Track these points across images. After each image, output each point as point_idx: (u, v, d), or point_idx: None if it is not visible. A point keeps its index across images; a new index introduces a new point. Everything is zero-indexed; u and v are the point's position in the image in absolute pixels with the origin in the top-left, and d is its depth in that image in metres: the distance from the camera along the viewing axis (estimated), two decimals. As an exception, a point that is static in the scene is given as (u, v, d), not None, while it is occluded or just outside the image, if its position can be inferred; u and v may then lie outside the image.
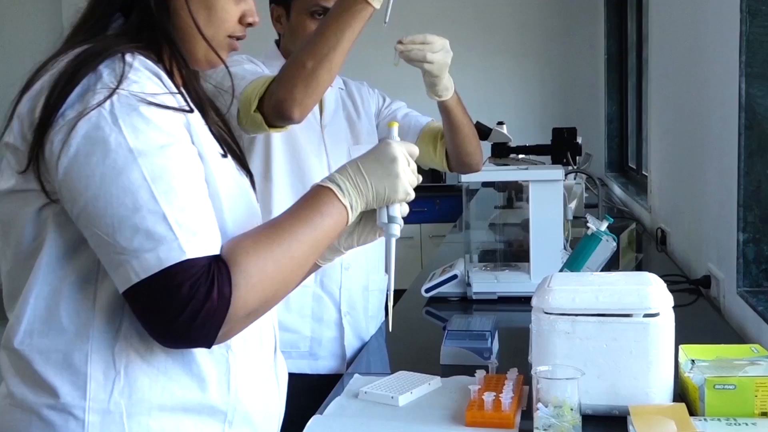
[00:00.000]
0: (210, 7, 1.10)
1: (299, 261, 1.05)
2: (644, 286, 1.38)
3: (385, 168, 1.13)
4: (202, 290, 0.93)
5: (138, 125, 0.96)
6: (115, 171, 0.94)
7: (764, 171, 1.82)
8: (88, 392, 1.01)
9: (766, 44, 1.79)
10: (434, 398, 1.52)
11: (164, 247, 0.93)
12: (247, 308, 0.98)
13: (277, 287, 1.03)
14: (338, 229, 1.10)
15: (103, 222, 0.94)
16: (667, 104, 3.10)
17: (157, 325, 0.96)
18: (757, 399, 1.31)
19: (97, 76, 0.98)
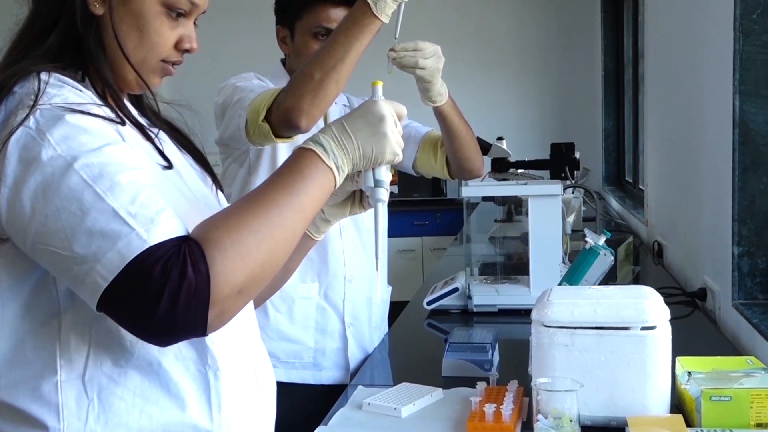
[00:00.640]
0: (142, 29, 1.04)
1: (284, 229, 0.96)
2: (641, 299, 1.39)
3: (373, 127, 1.06)
4: (175, 271, 0.85)
5: (67, 133, 0.91)
6: (54, 184, 0.89)
7: (758, 186, 1.83)
8: (61, 421, 0.97)
9: (759, 63, 1.79)
10: (436, 410, 1.52)
11: (122, 241, 0.86)
12: (233, 283, 0.89)
13: (263, 258, 0.93)
14: (325, 192, 1.03)
15: (57, 238, 0.88)
16: (663, 120, 3.10)
17: (140, 323, 0.88)
18: (753, 410, 1.30)
19: (13, 97, 0.94)
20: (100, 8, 1.03)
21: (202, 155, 1.21)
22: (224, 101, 1.81)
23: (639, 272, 2.90)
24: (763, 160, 1.81)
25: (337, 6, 1.84)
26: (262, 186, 1.00)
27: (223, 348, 1.06)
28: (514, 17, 6.15)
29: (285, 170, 1.01)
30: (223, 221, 0.93)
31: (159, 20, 1.05)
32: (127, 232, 0.87)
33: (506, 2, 6.15)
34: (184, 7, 1.06)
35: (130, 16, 1.03)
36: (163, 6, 1.05)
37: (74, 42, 1.03)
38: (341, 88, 1.60)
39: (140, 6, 1.03)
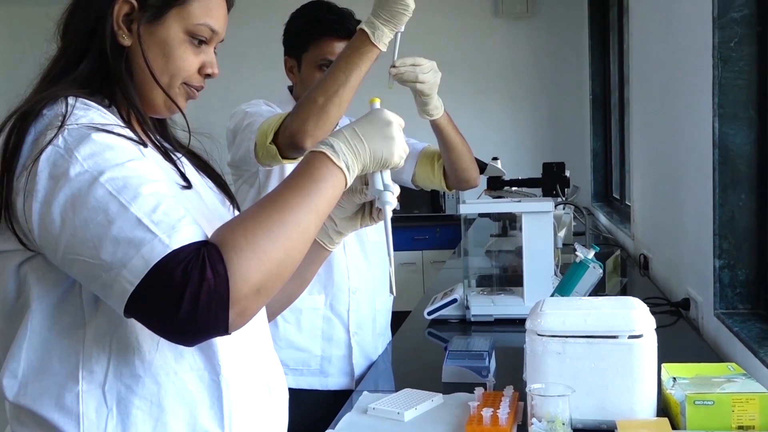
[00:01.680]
0: (167, 55, 1.05)
1: (297, 229, 0.95)
2: (628, 309, 1.39)
3: (381, 130, 1.07)
4: (195, 273, 0.85)
5: (93, 150, 0.91)
6: (81, 197, 0.89)
7: (737, 202, 1.83)
8: (81, 430, 0.97)
9: (736, 88, 1.80)
10: (437, 414, 1.52)
11: (146, 247, 0.86)
12: (251, 283, 0.88)
13: (280, 257, 0.92)
14: (337, 192, 1.02)
15: (86, 247, 0.88)
16: (648, 140, 3.11)
17: (166, 323, 0.88)
18: (734, 414, 1.30)
19: (42, 119, 0.95)
20: (128, 39, 1.04)
21: (220, 178, 1.22)
22: (235, 126, 1.82)
23: (626, 284, 2.89)
24: (741, 178, 1.81)
25: (340, 40, 1.86)
26: (276, 189, 0.99)
27: (236, 358, 1.05)
28: (508, 45, 6.17)
29: (297, 172, 1.01)
30: (239, 224, 0.93)
31: (183, 47, 1.06)
32: (150, 238, 0.87)
33: (500, 31, 6.17)
34: (206, 35, 1.07)
35: (156, 44, 1.05)
36: (187, 34, 1.06)
37: (102, 70, 1.03)
38: (343, 112, 1.61)
39: (166, 35, 1.05)
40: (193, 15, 1.06)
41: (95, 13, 1.03)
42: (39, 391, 0.98)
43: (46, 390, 0.98)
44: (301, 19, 1.96)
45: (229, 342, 1.04)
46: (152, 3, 1.03)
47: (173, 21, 1.05)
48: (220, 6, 1.09)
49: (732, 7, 1.79)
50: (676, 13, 2.38)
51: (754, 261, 1.83)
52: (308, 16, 1.95)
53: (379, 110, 1.09)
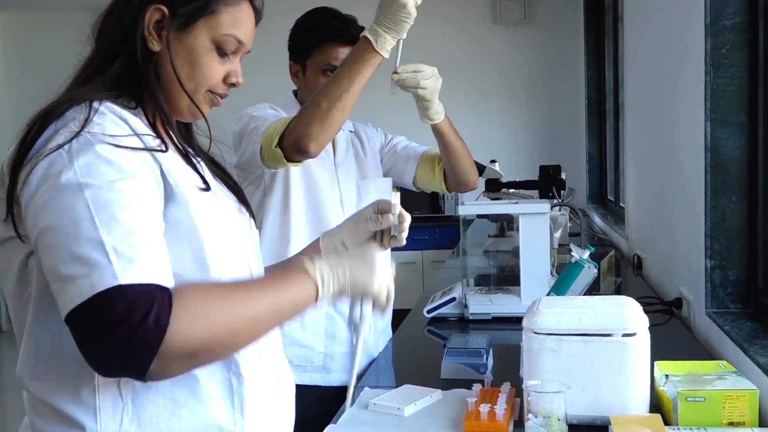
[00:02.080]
0: (194, 62, 1.06)
1: (253, 319, 0.95)
2: (622, 308, 1.39)
3: (367, 264, 1.10)
4: (137, 314, 0.83)
5: (91, 162, 0.91)
6: (63, 203, 0.88)
7: (728, 205, 1.83)
8: (98, 423, 0.97)
9: (728, 93, 1.80)
10: (436, 409, 1.52)
11: (97, 272, 0.85)
12: (185, 346, 0.86)
13: (224, 336, 0.91)
14: (304, 301, 1.02)
15: (51, 251, 0.88)
16: (642, 144, 3.11)
17: (91, 348, 0.86)
18: (725, 410, 1.30)
19: (62, 121, 0.95)
20: (157, 45, 1.05)
21: (237, 186, 1.22)
22: (241, 129, 1.82)
23: (620, 283, 2.89)
24: (732, 181, 1.82)
25: (344, 45, 1.86)
26: (256, 280, 1.04)
27: (247, 356, 1.06)
28: (506, 51, 6.17)
29: (280, 280, 1.03)
30: (205, 290, 0.92)
31: (209, 56, 1.07)
32: (105, 265, 0.85)
33: (499, 37, 6.17)
34: (232, 45, 1.08)
35: (184, 51, 1.06)
36: (214, 43, 1.07)
37: (131, 73, 1.04)
38: (346, 116, 1.61)
39: (194, 43, 1.06)
40: (221, 25, 1.06)
41: (129, 18, 1.04)
42: (56, 385, 0.98)
43: (63, 384, 0.98)
44: (305, 25, 1.96)
45: None
46: (182, 12, 1.04)
47: (201, 30, 1.06)
48: (248, 18, 1.10)
49: (724, 15, 1.79)
50: (670, 21, 2.38)
51: (744, 261, 1.83)
52: (313, 23, 1.95)
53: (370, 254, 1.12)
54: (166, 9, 1.04)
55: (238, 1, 1.08)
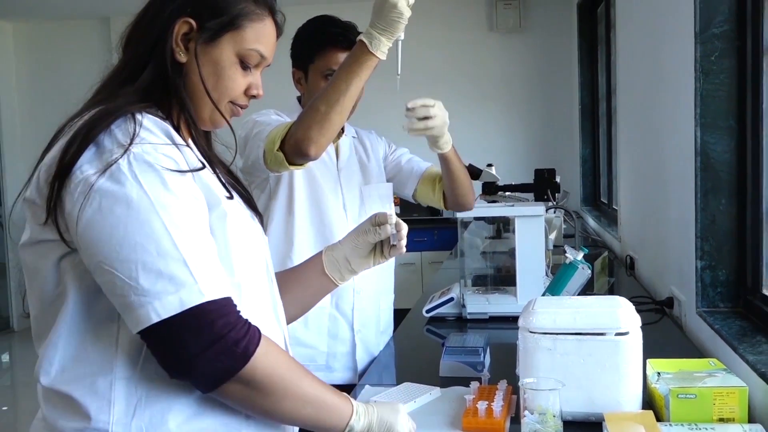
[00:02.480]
0: (219, 74, 1.07)
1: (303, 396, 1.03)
2: (615, 308, 1.39)
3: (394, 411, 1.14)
4: (233, 334, 0.93)
5: (156, 181, 0.94)
6: (139, 221, 0.92)
7: (718, 207, 1.83)
8: (111, 416, 0.98)
9: (717, 99, 1.80)
10: (435, 406, 1.52)
11: (185, 290, 0.91)
12: (254, 376, 0.96)
13: (280, 390, 1.01)
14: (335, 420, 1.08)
15: (127, 267, 0.91)
16: (634, 148, 3.11)
17: (179, 359, 0.93)
18: (715, 407, 1.30)
19: (110, 134, 0.95)
20: (184, 57, 1.06)
21: (249, 194, 1.22)
22: (246, 134, 1.82)
23: (613, 283, 2.89)
24: (722, 184, 1.82)
25: (344, 50, 1.85)
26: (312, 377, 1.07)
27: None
28: (502, 57, 6.17)
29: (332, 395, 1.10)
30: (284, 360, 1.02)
31: (233, 68, 1.08)
32: (191, 283, 0.92)
33: (495, 44, 6.17)
34: (255, 59, 1.10)
35: (210, 63, 1.07)
36: (238, 57, 1.08)
37: (160, 84, 1.05)
38: (345, 119, 1.61)
39: (219, 56, 1.07)
40: (245, 40, 1.08)
41: (158, 29, 1.05)
42: (74, 377, 0.99)
43: (82, 376, 0.99)
44: (307, 32, 1.96)
45: None
46: (210, 26, 1.06)
47: (227, 44, 1.07)
48: (270, 34, 1.11)
49: (713, 23, 1.79)
50: (661, 28, 2.38)
51: (733, 262, 1.83)
52: (313, 30, 1.95)
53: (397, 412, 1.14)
54: (194, 22, 1.05)
55: (262, 18, 1.09)
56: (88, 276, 0.97)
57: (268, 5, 1.11)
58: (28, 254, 1.02)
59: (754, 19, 1.73)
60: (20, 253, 1.03)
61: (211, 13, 1.06)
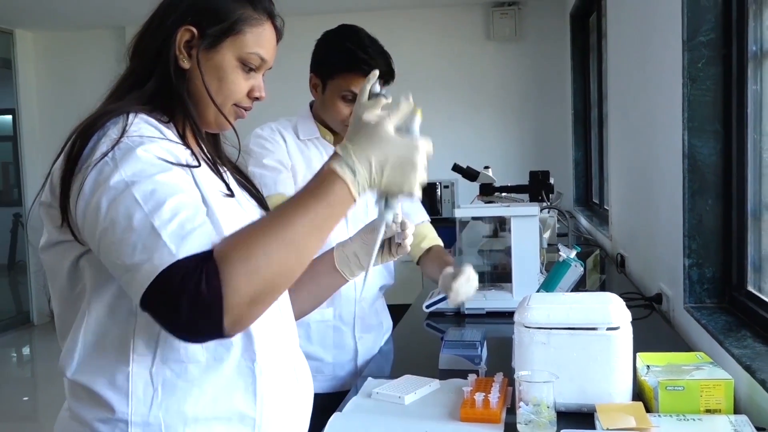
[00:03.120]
0: (221, 78, 1.06)
1: (296, 247, 0.90)
2: (607, 304, 1.38)
3: (408, 163, 0.97)
4: (191, 284, 0.84)
5: (133, 162, 0.92)
6: (116, 202, 0.90)
7: (704, 207, 1.82)
8: (130, 407, 0.98)
9: (703, 104, 1.79)
10: (434, 398, 1.52)
11: (156, 254, 0.86)
12: (242, 295, 0.85)
13: (273, 273, 0.88)
14: (344, 212, 0.95)
15: (112, 249, 0.89)
16: (624, 151, 3.11)
17: (169, 324, 0.87)
18: (702, 398, 1.30)
19: (104, 131, 0.96)
20: (187, 63, 1.06)
21: (260, 194, 1.21)
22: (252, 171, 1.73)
23: (604, 280, 2.88)
24: (708, 185, 1.81)
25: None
26: (284, 204, 0.94)
27: (269, 348, 1.06)
28: (498, 65, 6.17)
29: (310, 191, 0.94)
30: (239, 239, 0.89)
31: (235, 72, 1.07)
32: (161, 246, 0.87)
33: (491, 52, 6.17)
34: (256, 62, 1.09)
35: (212, 68, 1.06)
36: (239, 61, 1.07)
37: (164, 89, 1.05)
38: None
39: (221, 61, 1.06)
40: (245, 44, 1.07)
41: (161, 38, 1.05)
42: (94, 370, 0.99)
43: (101, 369, 0.99)
44: (334, 45, 1.81)
45: (263, 334, 1.06)
46: (211, 32, 1.05)
47: (228, 49, 1.06)
48: (270, 38, 1.10)
49: (700, 32, 1.79)
50: (650, 37, 2.38)
51: (719, 260, 1.83)
52: (341, 46, 1.78)
53: (412, 142, 0.99)
54: (196, 30, 1.05)
55: (261, 22, 1.09)
56: (104, 273, 0.97)
57: (267, 10, 1.10)
58: (48, 256, 1.02)
59: (739, 28, 1.72)
60: (40, 255, 1.03)
61: (212, 20, 1.05)
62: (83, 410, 1.00)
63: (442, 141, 6.36)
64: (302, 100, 1.98)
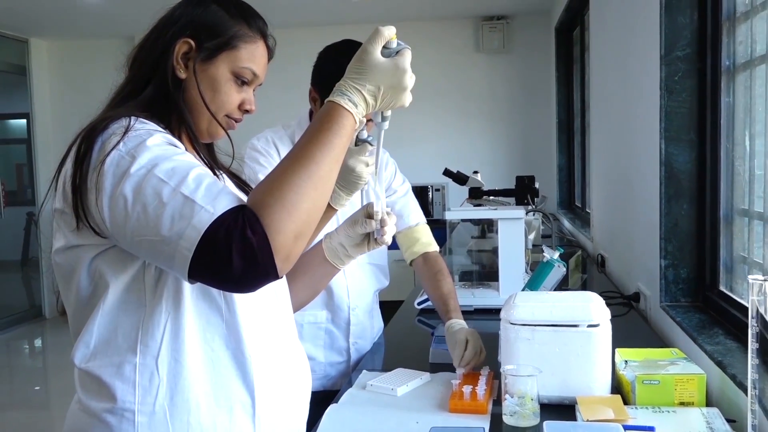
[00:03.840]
0: (216, 89, 1.07)
1: (320, 177, 0.93)
2: (587, 302, 1.38)
3: (398, 81, 1.02)
4: (237, 234, 0.85)
5: (146, 151, 0.93)
6: (141, 186, 0.90)
7: (680, 212, 1.83)
8: (136, 397, 0.98)
9: (679, 114, 1.80)
10: (425, 390, 1.52)
11: (195, 217, 0.87)
12: (286, 233, 0.87)
13: (308, 206, 0.91)
14: (350, 138, 0.99)
15: (149, 228, 0.89)
16: (605, 157, 3.11)
17: (224, 279, 0.88)
18: (677, 391, 1.31)
19: (108, 133, 0.96)
20: (184, 73, 1.06)
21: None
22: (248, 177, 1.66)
23: (586, 279, 2.89)
24: (683, 191, 1.82)
25: None
26: (298, 144, 0.95)
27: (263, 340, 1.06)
28: (487, 76, 6.18)
29: (318, 126, 0.96)
30: (268, 185, 0.91)
31: (228, 84, 1.08)
32: (198, 209, 0.88)
33: (481, 64, 6.18)
34: (248, 77, 1.09)
35: (207, 79, 1.07)
36: (233, 74, 1.08)
37: (161, 98, 1.05)
38: None
39: (215, 73, 1.07)
40: (239, 59, 1.08)
41: (160, 49, 1.06)
42: (104, 361, 0.99)
43: (110, 361, 0.99)
44: (334, 61, 1.65)
45: (259, 326, 1.06)
46: (207, 45, 1.06)
47: (223, 62, 1.07)
48: (262, 55, 1.11)
49: (676, 47, 1.79)
50: (629, 51, 2.39)
51: (694, 261, 1.83)
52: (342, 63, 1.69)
53: (398, 61, 1.02)
54: (194, 42, 1.05)
55: (255, 40, 1.09)
56: (120, 271, 0.98)
57: (260, 30, 1.11)
58: (64, 258, 1.01)
59: (713, 44, 1.73)
60: (54, 257, 1.03)
61: (209, 35, 1.06)
62: (92, 402, 1.00)
63: (434, 147, 6.37)
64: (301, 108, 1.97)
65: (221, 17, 1.07)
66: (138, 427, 0.98)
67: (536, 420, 1.28)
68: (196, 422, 1.00)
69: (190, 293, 1.00)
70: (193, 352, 1.00)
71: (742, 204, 1.67)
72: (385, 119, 1.10)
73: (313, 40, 1.99)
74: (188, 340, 1.00)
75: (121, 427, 0.98)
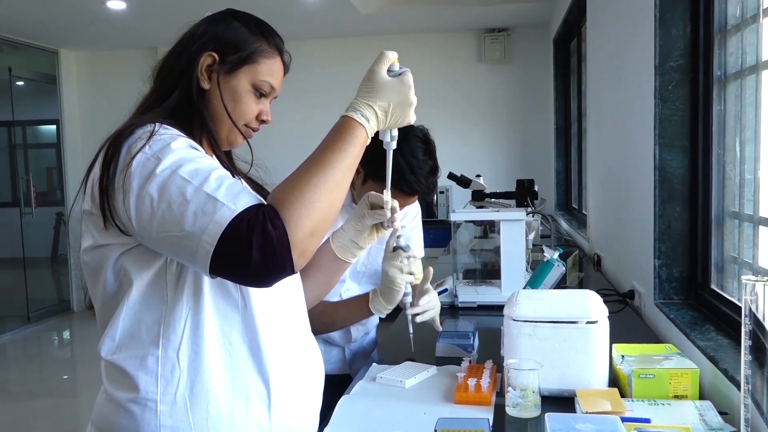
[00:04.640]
0: (236, 100, 1.08)
1: (336, 181, 0.94)
2: (586, 300, 1.38)
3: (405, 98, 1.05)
4: (257, 228, 0.86)
5: (171, 154, 0.94)
6: (166, 186, 0.91)
7: (673, 214, 1.82)
8: (159, 388, 0.99)
9: (673, 122, 1.79)
10: (431, 382, 1.51)
11: (218, 214, 0.88)
12: (304, 229, 0.89)
13: (324, 206, 0.92)
14: (363, 149, 1.01)
15: (173, 224, 0.90)
16: (601, 162, 3.10)
17: (243, 272, 0.89)
18: (671, 385, 1.30)
19: (134, 138, 0.97)
20: (207, 84, 1.07)
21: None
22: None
23: (583, 278, 2.88)
24: (676, 195, 1.81)
25: None
26: (317, 151, 0.97)
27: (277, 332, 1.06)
28: (489, 85, 6.17)
29: (335, 137, 0.98)
30: (288, 184, 0.92)
31: (248, 96, 1.09)
32: (220, 205, 0.89)
33: (483, 73, 6.16)
34: (266, 89, 1.11)
35: (229, 91, 1.08)
36: (252, 86, 1.09)
37: (184, 107, 1.06)
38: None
39: (237, 85, 1.08)
40: (259, 72, 1.09)
41: (186, 61, 1.07)
42: (129, 354, 1.00)
43: (134, 353, 1.00)
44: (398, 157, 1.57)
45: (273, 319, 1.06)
46: (230, 59, 1.07)
47: (244, 75, 1.08)
48: (279, 70, 1.13)
49: (671, 58, 1.78)
50: (624, 62, 2.38)
51: (686, 261, 1.82)
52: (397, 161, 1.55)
53: (404, 78, 1.06)
54: (217, 56, 1.07)
55: (273, 56, 1.11)
56: (144, 268, 0.98)
57: (278, 47, 1.12)
58: (91, 257, 1.02)
59: (706, 55, 1.72)
60: (82, 256, 1.03)
61: (232, 49, 1.07)
62: (117, 392, 1.01)
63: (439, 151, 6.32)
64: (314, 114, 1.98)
65: (243, 33, 1.09)
66: (160, 416, 0.98)
67: (537, 411, 1.27)
68: (214, 411, 1.00)
69: (209, 290, 1.00)
70: (211, 346, 1.00)
71: (732, 207, 1.65)
72: (393, 138, 1.13)
73: (324, 50, 1.99)
74: (207, 334, 1.00)
75: (144, 415, 0.98)
